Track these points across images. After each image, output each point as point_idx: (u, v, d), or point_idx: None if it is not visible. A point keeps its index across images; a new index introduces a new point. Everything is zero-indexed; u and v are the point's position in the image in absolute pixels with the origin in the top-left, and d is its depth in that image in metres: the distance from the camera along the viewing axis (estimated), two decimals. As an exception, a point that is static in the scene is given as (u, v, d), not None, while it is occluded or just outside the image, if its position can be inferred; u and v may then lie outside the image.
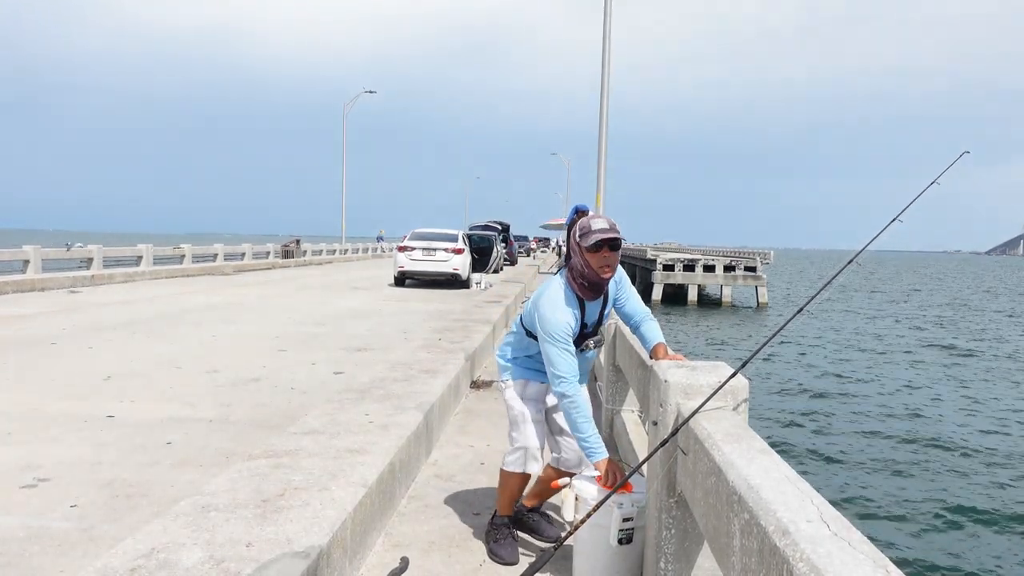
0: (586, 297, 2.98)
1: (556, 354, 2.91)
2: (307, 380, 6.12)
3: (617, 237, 2.83)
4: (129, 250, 19.24)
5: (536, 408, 3.21)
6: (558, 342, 2.92)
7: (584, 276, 2.91)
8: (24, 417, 4.73)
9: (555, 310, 2.94)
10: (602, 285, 2.97)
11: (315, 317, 10.79)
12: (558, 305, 2.95)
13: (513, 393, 3.23)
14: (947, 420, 13.23)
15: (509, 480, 3.22)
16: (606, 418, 5.11)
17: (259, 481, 3.19)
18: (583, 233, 2.86)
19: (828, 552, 1.26)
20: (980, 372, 18.73)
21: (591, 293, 2.97)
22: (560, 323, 2.92)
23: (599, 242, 2.80)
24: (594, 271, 2.86)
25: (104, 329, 8.93)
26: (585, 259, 2.86)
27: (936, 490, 9.33)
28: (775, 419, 12.90)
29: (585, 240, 2.84)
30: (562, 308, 2.94)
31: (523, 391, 3.22)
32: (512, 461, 3.18)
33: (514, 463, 3.18)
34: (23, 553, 2.78)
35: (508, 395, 3.25)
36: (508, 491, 3.24)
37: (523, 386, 3.22)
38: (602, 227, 2.82)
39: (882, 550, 1.31)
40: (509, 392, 3.24)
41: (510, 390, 3.24)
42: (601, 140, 14.59)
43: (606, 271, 2.86)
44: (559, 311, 2.93)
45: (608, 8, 14.17)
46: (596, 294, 2.99)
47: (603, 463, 2.77)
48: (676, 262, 37.44)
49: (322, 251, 33.66)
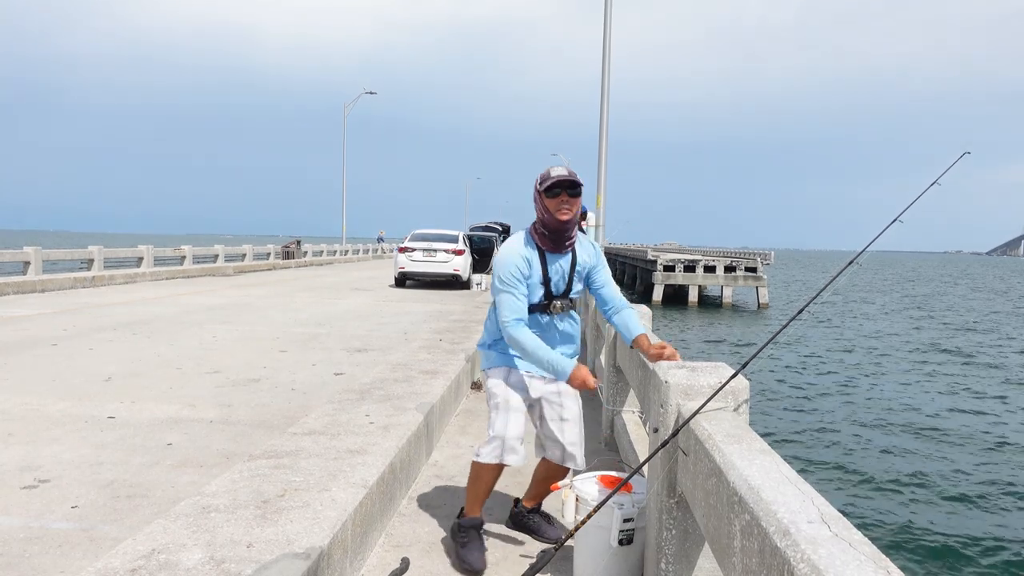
0: (547, 247, 2.95)
1: (503, 299, 2.89)
2: (308, 381, 6.11)
3: (576, 181, 2.85)
4: (130, 251, 19.26)
5: (520, 396, 3.04)
6: (506, 284, 2.89)
7: (544, 224, 2.91)
8: (25, 418, 4.73)
9: (508, 253, 2.93)
10: (562, 232, 2.92)
11: (316, 318, 10.80)
12: (512, 249, 2.95)
13: (497, 380, 3.08)
14: (948, 420, 13.22)
15: (482, 472, 3.04)
16: (606, 419, 5.11)
17: (260, 482, 3.19)
18: (542, 180, 2.89)
19: (829, 553, 1.26)
20: (988, 372, 18.72)
21: (551, 243, 2.94)
22: (509, 264, 2.90)
23: (556, 185, 2.84)
24: (552, 216, 2.86)
25: (105, 330, 8.93)
26: (544, 205, 2.88)
27: (937, 490, 9.32)
28: (776, 419, 12.89)
29: (544, 184, 2.86)
30: (516, 252, 2.93)
31: (506, 378, 3.07)
32: (487, 452, 2.99)
33: (489, 454, 2.98)
34: (23, 554, 2.78)
35: (491, 382, 3.10)
36: (480, 486, 3.06)
37: (506, 373, 3.07)
38: (560, 173, 2.86)
39: (883, 551, 1.30)
40: (492, 380, 3.10)
41: (493, 378, 3.10)
42: (601, 140, 14.59)
43: (564, 213, 2.85)
44: (512, 254, 2.92)
45: (608, 8, 14.18)
46: (557, 245, 2.96)
47: (576, 377, 2.87)
48: (677, 263, 37.42)
49: (322, 252, 33.67)
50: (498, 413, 3.02)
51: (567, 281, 3.02)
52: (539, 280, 2.96)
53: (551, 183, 2.84)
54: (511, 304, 2.88)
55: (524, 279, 2.92)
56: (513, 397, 3.02)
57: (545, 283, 2.97)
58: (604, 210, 14.80)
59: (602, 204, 14.71)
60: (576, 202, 2.87)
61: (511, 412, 2.99)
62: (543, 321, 3.02)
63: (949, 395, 15.65)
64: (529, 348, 2.86)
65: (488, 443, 3.01)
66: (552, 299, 2.99)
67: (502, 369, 3.09)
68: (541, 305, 2.99)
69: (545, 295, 2.99)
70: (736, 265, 37.31)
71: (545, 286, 2.98)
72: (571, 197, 2.86)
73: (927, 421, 13.14)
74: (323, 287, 17.39)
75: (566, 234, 2.95)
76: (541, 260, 2.95)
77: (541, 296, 2.99)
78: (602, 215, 14.91)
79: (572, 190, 2.86)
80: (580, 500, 2.73)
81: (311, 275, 22.61)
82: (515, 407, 3.00)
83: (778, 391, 15.44)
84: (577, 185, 2.86)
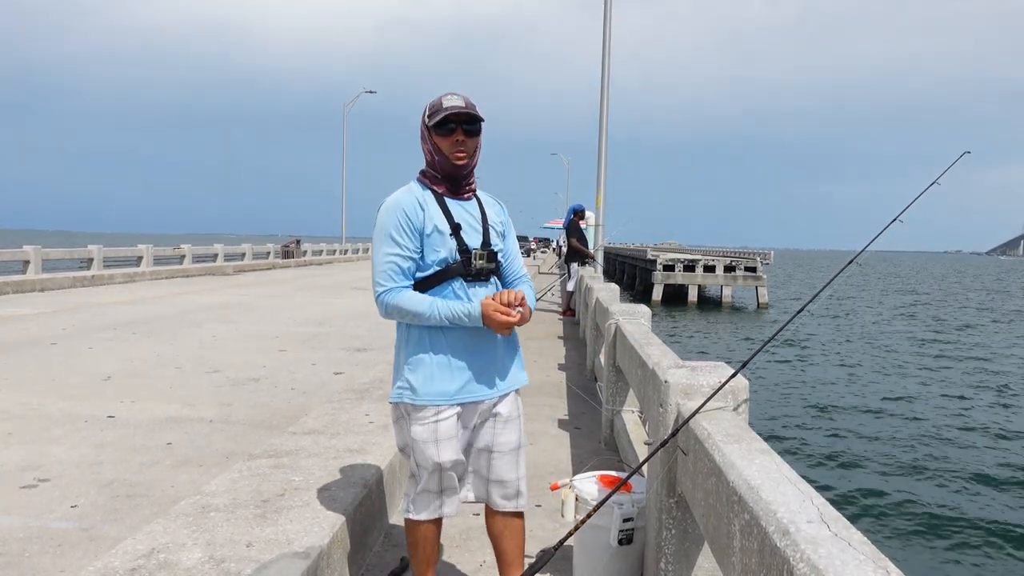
0: (442, 190, 2.31)
1: (380, 259, 2.24)
2: (307, 380, 6.11)
3: (475, 115, 2.24)
4: (129, 250, 19.27)
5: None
6: (387, 239, 2.23)
7: (436, 165, 2.30)
8: (24, 417, 4.73)
9: (391, 200, 2.29)
10: (459, 176, 2.30)
11: (315, 317, 10.79)
12: (398, 195, 2.31)
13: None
14: (950, 420, 13.23)
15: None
16: (606, 418, 5.11)
17: (259, 481, 3.19)
18: (431, 111, 2.27)
19: (828, 553, 1.26)
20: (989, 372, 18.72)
21: (447, 184, 2.31)
22: (394, 209, 2.25)
23: (449, 119, 2.22)
24: (446, 157, 2.25)
25: (104, 329, 8.93)
26: (434, 143, 2.26)
27: (938, 491, 9.32)
28: (776, 419, 12.90)
29: (434, 118, 2.24)
30: (403, 196, 2.29)
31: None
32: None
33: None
34: (23, 553, 2.78)
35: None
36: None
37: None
38: (455, 103, 2.23)
39: (883, 551, 1.31)
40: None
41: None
42: (601, 140, 14.58)
43: (459, 157, 2.25)
44: (397, 200, 2.28)
45: (608, 8, 14.18)
46: (455, 188, 2.32)
47: (486, 308, 2.20)
48: (676, 262, 37.41)
49: (322, 251, 33.67)
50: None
51: (482, 231, 2.34)
52: (444, 228, 2.26)
53: (443, 116, 2.21)
54: (392, 265, 2.22)
55: (415, 231, 2.24)
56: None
57: (455, 230, 2.27)
58: (604, 210, 14.80)
59: (602, 204, 14.71)
60: (474, 142, 2.28)
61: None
62: (465, 292, 2.27)
63: (948, 395, 15.66)
64: (417, 308, 2.21)
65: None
66: (468, 254, 2.28)
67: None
68: (456, 265, 2.26)
69: (459, 249, 2.27)
70: (735, 265, 37.30)
71: (455, 235, 2.27)
72: (468, 136, 2.25)
73: (928, 421, 13.14)
74: (323, 286, 17.39)
75: (464, 180, 2.34)
76: (440, 203, 2.29)
77: (453, 250, 2.26)
78: (602, 215, 14.92)
79: (470, 125, 2.24)
80: (580, 500, 2.73)
81: (311, 274, 22.60)
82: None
83: (778, 391, 15.44)
84: (476, 120, 2.25)
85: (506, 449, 2.40)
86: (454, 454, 2.31)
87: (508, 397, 2.42)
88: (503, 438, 2.39)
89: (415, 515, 2.40)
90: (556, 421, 5.43)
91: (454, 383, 2.28)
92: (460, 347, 2.29)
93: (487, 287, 2.32)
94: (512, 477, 2.42)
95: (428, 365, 2.27)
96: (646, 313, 5.08)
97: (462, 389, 2.29)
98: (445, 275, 2.26)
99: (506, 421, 2.40)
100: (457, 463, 2.34)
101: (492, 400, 2.37)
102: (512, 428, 2.41)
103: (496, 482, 2.41)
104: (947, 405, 14.61)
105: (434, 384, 2.27)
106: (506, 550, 2.48)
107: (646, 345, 3.75)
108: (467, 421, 2.35)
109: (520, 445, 2.46)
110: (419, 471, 2.35)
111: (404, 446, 2.41)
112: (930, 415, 13.64)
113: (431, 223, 2.25)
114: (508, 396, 2.42)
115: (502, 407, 2.40)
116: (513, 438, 2.42)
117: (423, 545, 2.44)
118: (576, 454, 4.59)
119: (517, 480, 2.44)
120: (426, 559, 2.46)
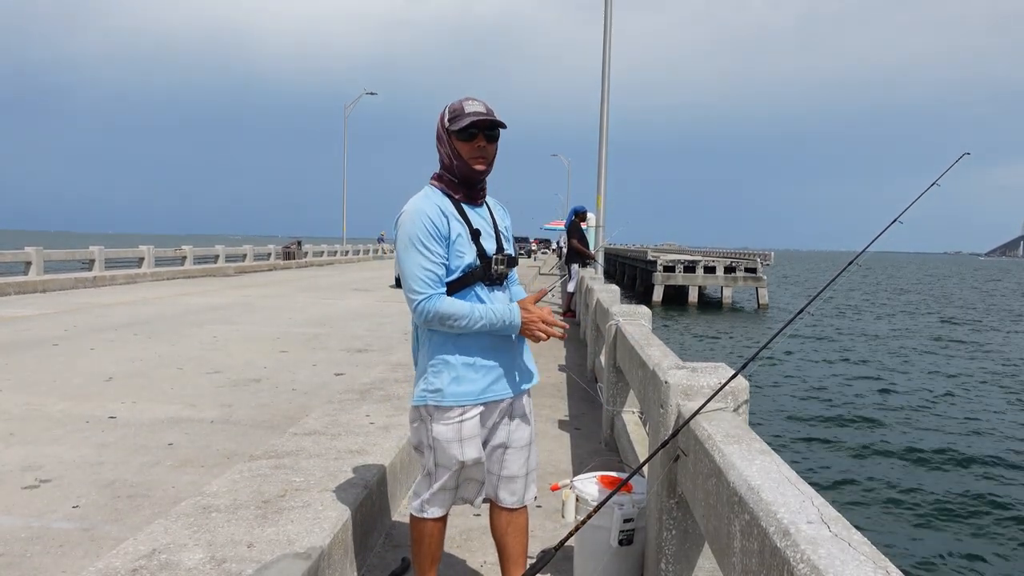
0: (459, 196, 2.33)
1: (413, 266, 2.21)
2: (308, 381, 6.12)
3: (496, 122, 2.26)
4: (131, 252, 19.29)
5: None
6: (418, 246, 2.21)
7: (453, 170, 2.30)
8: (26, 418, 4.73)
9: (416, 206, 2.27)
10: (476, 181, 2.33)
11: (316, 318, 10.80)
12: (419, 202, 2.28)
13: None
14: (950, 420, 13.21)
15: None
16: (606, 419, 5.11)
17: (260, 482, 3.19)
18: (454, 116, 2.26)
19: (829, 553, 1.26)
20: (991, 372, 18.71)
21: (465, 189, 2.33)
22: (421, 216, 2.23)
23: (472, 125, 2.23)
24: (465, 163, 2.26)
25: (106, 330, 8.94)
26: (454, 148, 2.26)
27: (939, 491, 9.32)
28: (776, 420, 12.89)
29: (456, 123, 2.24)
30: (427, 202, 2.28)
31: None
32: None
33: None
34: (25, 553, 2.78)
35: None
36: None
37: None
38: (477, 109, 2.25)
39: (882, 551, 1.31)
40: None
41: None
42: (602, 141, 14.58)
43: (479, 162, 2.28)
44: (422, 206, 2.26)
45: (608, 10, 14.18)
46: (471, 194, 2.35)
47: (529, 319, 2.29)
48: (676, 263, 37.40)
49: (323, 252, 33.69)
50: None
51: (494, 236, 2.38)
52: (466, 234, 2.28)
53: (467, 122, 2.22)
54: (429, 273, 2.21)
55: (443, 237, 2.24)
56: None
57: (474, 237, 2.30)
58: (604, 210, 14.80)
59: (602, 205, 14.71)
60: (494, 148, 2.31)
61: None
62: (488, 295, 2.33)
63: (949, 395, 15.64)
64: (460, 312, 2.22)
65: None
66: (488, 261, 2.32)
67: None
68: (478, 269, 2.30)
69: (479, 254, 2.30)
70: (736, 266, 37.28)
71: (475, 241, 2.30)
72: (489, 142, 2.27)
73: (928, 420, 13.13)
74: (323, 287, 17.40)
75: (479, 185, 2.37)
76: (459, 210, 2.31)
77: (475, 256, 2.29)
78: (602, 215, 14.92)
79: (491, 132, 2.27)
80: (580, 500, 2.73)
81: (311, 275, 22.62)
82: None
83: (778, 391, 15.43)
84: (498, 126, 2.28)
85: (520, 444, 2.47)
86: (477, 452, 2.35)
87: (523, 394, 2.49)
88: (518, 434, 2.46)
89: (428, 513, 2.42)
90: (556, 422, 5.43)
91: (480, 383, 2.32)
92: (486, 347, 2.32)
93: (503, 291, 2.40)
94: (522, 472, 2.49)
95: (454, 366, 2.29)
96: (646, 314, 5.09)
97: (487, 389, 2.33)
98: (468, 280, 2.29)
99: (522, 417, 2.47)
100: (479, 461, 2.38)
101: (511, 398, 2.42)
102: (526, 424, 2.49)
103: (507, 478, 2.46)
104: (947, 405, 14.60)
105: (461, 385, 2.29)
106: (509, 547, 2.51)
107: (646, 346, 3.76)
108: (487, 419, 2.39)
109: (532, 440, 2.52)
110: (437, 470, 2.37)
111: (419, 444, 2.42)
112: (931, 415, 13.63)
113: (455, 229, 2.27)
114: (524, 393, 2.49)
115: (518, 404, 2.46)
116: (526, 434, 2.49)
117: (428, 542, 2.45)
118: (576, 455, 4.59)
119: (526, 475, 2.51)
120: (430, 556, 2.48)
